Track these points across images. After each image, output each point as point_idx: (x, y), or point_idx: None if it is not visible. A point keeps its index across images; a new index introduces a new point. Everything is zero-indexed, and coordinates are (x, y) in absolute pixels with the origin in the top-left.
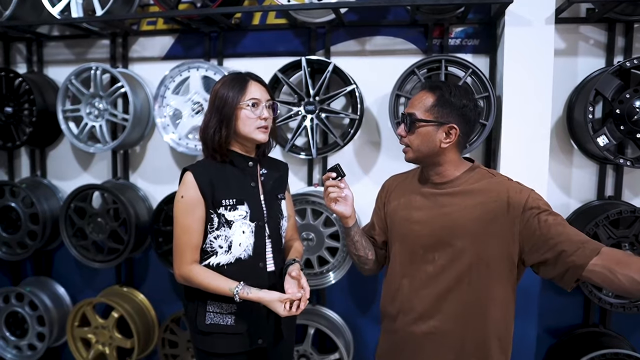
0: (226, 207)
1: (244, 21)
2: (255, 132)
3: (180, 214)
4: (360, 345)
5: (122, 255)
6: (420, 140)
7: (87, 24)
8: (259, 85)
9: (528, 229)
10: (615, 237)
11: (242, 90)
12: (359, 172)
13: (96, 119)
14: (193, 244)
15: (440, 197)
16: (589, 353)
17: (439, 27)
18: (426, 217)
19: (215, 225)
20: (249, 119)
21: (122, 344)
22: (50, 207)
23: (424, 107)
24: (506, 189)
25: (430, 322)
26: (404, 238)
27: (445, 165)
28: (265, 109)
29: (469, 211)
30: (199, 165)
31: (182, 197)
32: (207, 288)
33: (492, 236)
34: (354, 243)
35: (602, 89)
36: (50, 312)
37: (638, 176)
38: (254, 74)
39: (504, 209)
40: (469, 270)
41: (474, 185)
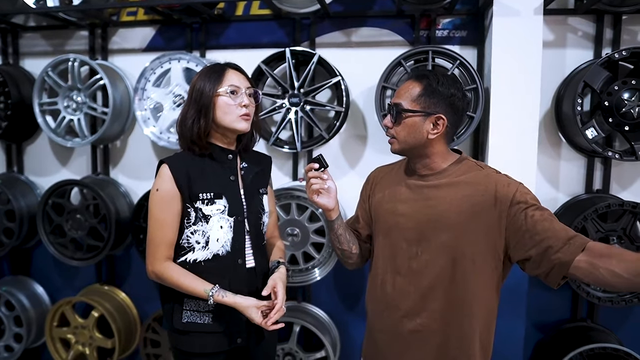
0: (203, 201)
1: (227, 11)
2: (236, 121)
3: (156, 207)
4: (347, 342)
5: (102, 252)
6: (407, 131)
7: (64, 14)
8: (238, 73)
9: (514, 224)
10: (603, 230)
11: (219, 78)
12: (345, 166)
13: (74, 113)
14: (167, 240)
15: (426, 189)
16: (577, 348)
17: (426, 18)
18: (411, 209)
19: (192, 219)
20: (229, 107)
21: (103, 344)
22: (27, 203)
23: (411, 96)
24: (494, 182)
25: (416, 320)
26: (387, 231)
27: (432, 157)
28: (246, 97)
29: (454, 204)
30: (176, 157)
31: (158, 190)
32: (180, 288)
33: (478, 231)
34: (337, 237)
35: (590, 81)
36: (28, 312)
37: (626, 169)
38: (233, 63)
39: (491, 202)
40: (453, 266)
41: (461, 178)
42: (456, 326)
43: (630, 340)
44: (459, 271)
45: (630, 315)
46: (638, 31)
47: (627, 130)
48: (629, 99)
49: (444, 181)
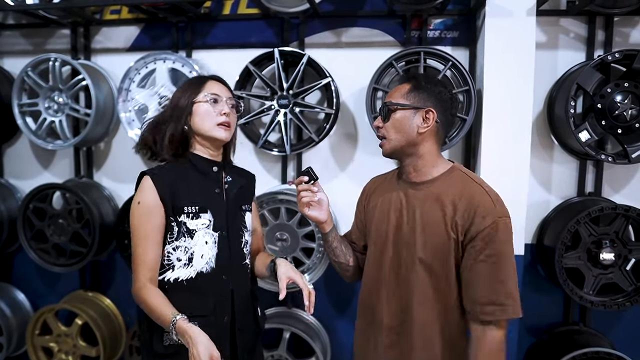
0: (188, 214)
1: (214, 10)
2: (215, 129)
3: (138, 221)
4: (337, 347)
5: (86, 258)
6: (397, 126)
7: (45, 12)
8: (219, 84)
9: (464, 258)
10: (596, 234)
11: (199, 87)
12: (335, 169)
13: (56, 114)
14: (150, 258)
15: (414, 199)
16: (570, 352)
17: (417, 18)
18: (397, 220)
19: (175, 234)
20: (208, 114)
21: (87, 352)
22: (7, 207)
23: (400, 94)
24: (475, 206)
25: (392, 337)
26: (376, 240)
27: (422, 157)
28: (227, 106)
29: (435, 219)
30: (158, 169)
31: (139, 203)
32: (151, 311)
33: (449, 249)
34: (332, 249)
35: (583, 83)
36: (9, 320)
37: (617, 172)
38: (216, 75)
39: (464, 224)
40: (429, 284)
41: (447, 191)
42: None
43: (622, 344)
44: (433, 291)
45: (623, 319)
46: (630, 33)
47: (620, 132)
48: (622, 102)
49: (433, 192)
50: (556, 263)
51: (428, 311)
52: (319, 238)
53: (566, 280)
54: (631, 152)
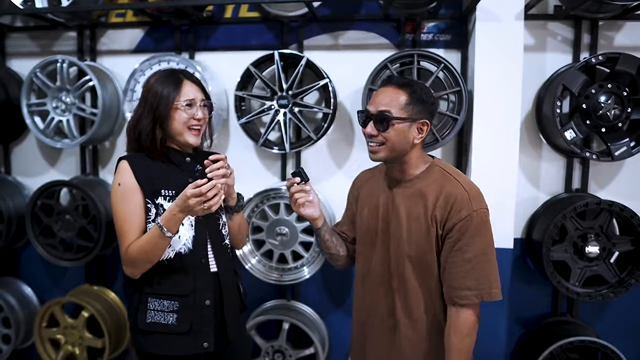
0: (165, 197)
1: (216, 14)
2: (186, 133)
3: (119, 202)
4: (335, 339)
5: (92, 253)
6: (397, 138)
7: (53, 15)
8: (194, 85)
9: (444, 247)
10: (582, 228)
11: (177, 89)
12: (333, 167)
13: (63, 114)
14: (135, 228)
15: (400, 196)
16: (557, 342)
17: (411, 22)
18: (385, 217)
19: (152, 216)
20: (183, 120)
21: (93, 344)
22: (15, 204)
23: (399, 104)
24: (453, 200)
25: (385, 323)
26: (365, 235)
27: (410, 162)
28: (200, 109)
29: (418, 214)
30: (135, 156)
31: (119, 184)
32: (144, 248)
33: (430, 241)
34: (324, 242)
35: (569, 84)
36: (17, 314)
37: (603, 169)
38: (188, 72)
39: (441, 216)
40: (415, 275)
41: (427, 188)
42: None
43: (607, 333)
44: (416, 280)
45: (607, 310)
46: (614, 36)
47: (604, 131)
48: (605, 102)
49: (414, 189)
50: (544, 256)
51: (415, 299)
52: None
53: (553, 272)
54: (614, 150)
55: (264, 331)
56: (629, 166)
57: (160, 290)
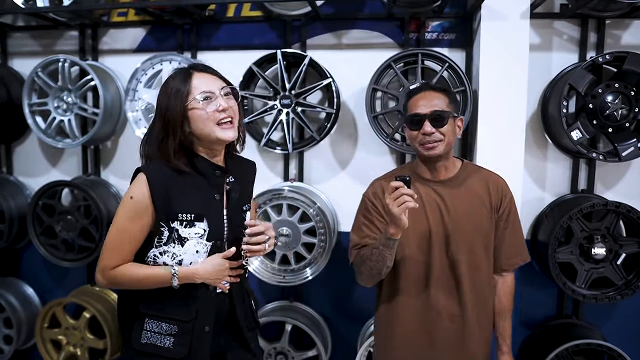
0: (182, 222)
1: (218, 13)
2: (217, 130)
3: (124, 215)
4: (338, 340)
5: (94, 253)
6: (452, 132)
7: (54, 14)
8: (206, 75)
9: (497, 231)
10: (588, 230)
11: (185, 85)
12: (336, 167)
13: (65, 113)
14: (125, 253)
15: (449, 194)
16: (563, 344)
17: (415, 21)
18: (438, 216)
19: (164, 239)
20: (205, 116)
21: (95, 344)
22: (17, 204)
23: (445, 103)
24: (501, 187)
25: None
26: (415, 238)
27: (450, 159)
28: (222, 99)
29: (477, 206)
30: (156, 168)
31: (132, 198)
32: (139, 280)
33: (492, 227)
34: (392, 254)
35: (575, 84)
36: (18, 314)
37: (609, 170)
38: (200, 63)
39: (496, 205)
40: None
41: (474, 182)
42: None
43: (613, 336)
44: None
45: (614, 312)
46: (621, 35)
47: (611, 132)
48: (612, 102)
49: (459, 186)
50: (550, 258)
51: (481, 280)
52: (320, 234)
53: (559, 274)
54: (621, 151)
55: (267, 333)
56: (636, 167)
57: (160, 312)
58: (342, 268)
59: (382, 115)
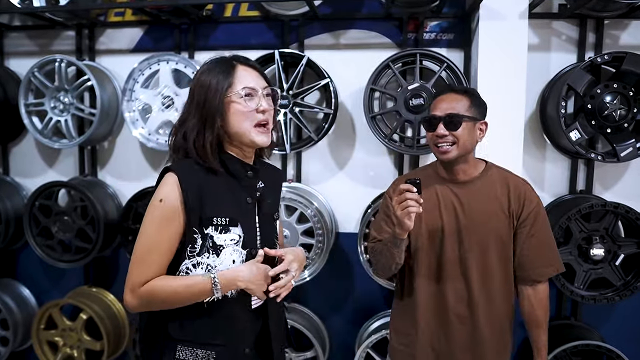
0: (217, 227)
1: (216, 13)
2: (252, 132)
3: (153, 221)
4: (336, 342)
5: (91, 254)
6: (467, 136)
7: (51, 14)
8: (251, 70)
9: (518, 238)
10: (586, 230)
11: (228, 77)
12: (334, 167)
13: (61, 114)
14: (158, 265)
15: (466, 195)
16: (561, 345)
17: (413, 21)
18: (453, 215)
19: (198, 248)
20: (243, 115)
21: (91, 346)
22: (13, 205)
23: (464, 106)
24: (524, 193)
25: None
26: (429, 236)
27: (470, 162)
28: (264, 99)
29: (493, 208)
30: (186, 167)
31: (162, 201)
32: (176, 294)
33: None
34: (400, 253)
35: (574, 84)
36: (14, 315)
37: (608, 170)
38: (243, 56)
39: (516, 211)
40: (493, 263)
41: (494, 185)
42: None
43: (612, 337)
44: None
45: (612, 313)
46: (620, 35)
47: (609, 132)
48: (611, 102)
49: (477, 188)
50: None
51: (497, 287)
52: (318, 235)
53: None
54: (620, 151)
55: None
56: (634, 167)
57: (194, 337)
58: (340, 269)
59: (380, 115)
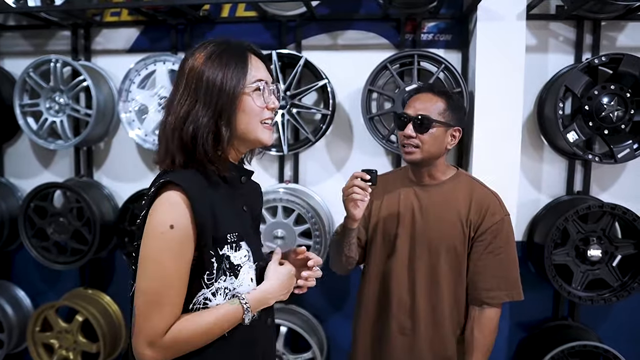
0: (231, 244)
1: (213, 13)
2: (259, 130)
3: (164, 253)
4: (334, 343)
5: (86, 256)
6: (433, 141)
7: (46, 14)
8: (260, 62)
9: (473, 248)
10: (584, 231)
11: (244, 68)
12: (331, 168)
13: (57, 114)
14: (177, 304)
15: (427, 199)
16: (559, 346)
17: (411, 22)
18: (410, 218)
19: (215, 274)
20: (253, 111)
21: (87, 348)
22: (8, 206)
23: (437, 109)
24: (487, 205)
25: (403, 323)
26: (384, 236)
27: (438, 167)
28: (274, 96)
29: (450, 216)
30: (191, 179)
31: (172, 227)
32: (207, 330)
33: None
34: (349, 245)
35: (571, 85)
36: (9, 318)
37: (605, 172)
38: (252, 44)
39: (475, 222)
40: (442, 274)
41: (457, 193)
42: None
43: (609, 338)
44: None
45: (609, 314)
46: (617, 37)
47: (607, 133)
48: (608, 104)
49: (440, 193)
50: (545, 260)
51: (444, 298)
52: (316, 236)
53: (555, 276)
54: (617, 153)
55: None
56: (631, 168)
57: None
58: None
59: (378, 116)
